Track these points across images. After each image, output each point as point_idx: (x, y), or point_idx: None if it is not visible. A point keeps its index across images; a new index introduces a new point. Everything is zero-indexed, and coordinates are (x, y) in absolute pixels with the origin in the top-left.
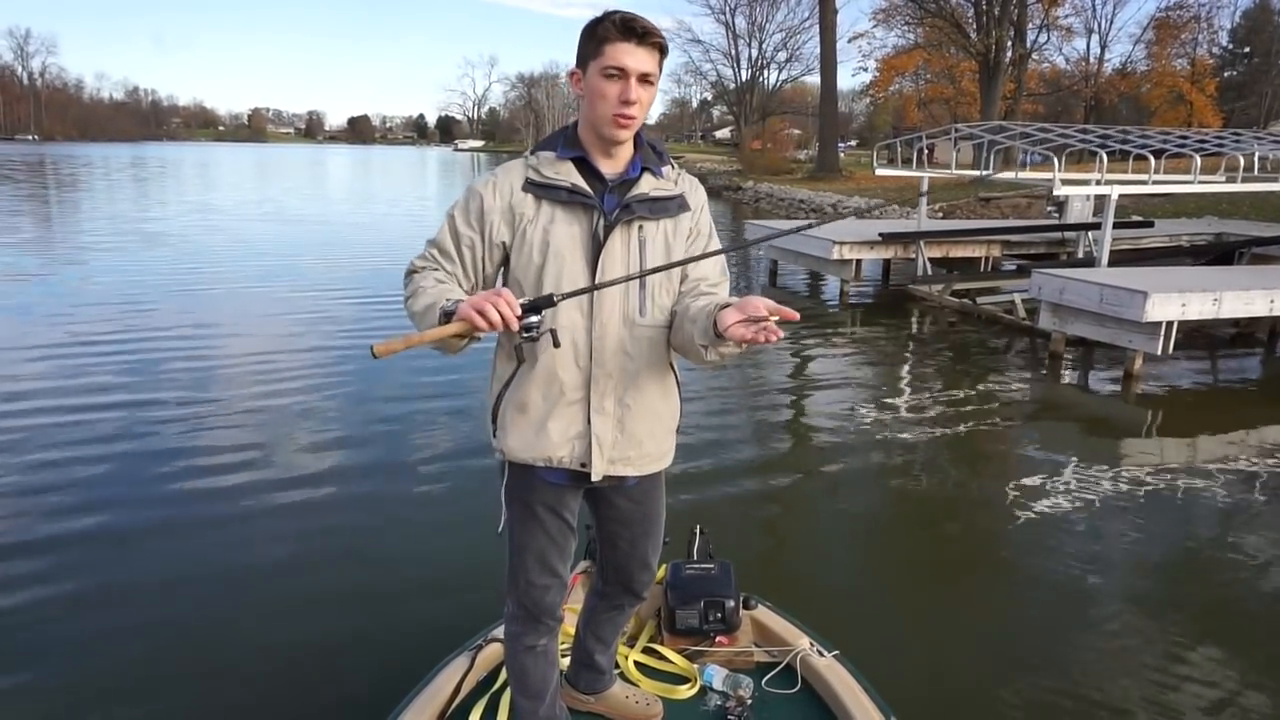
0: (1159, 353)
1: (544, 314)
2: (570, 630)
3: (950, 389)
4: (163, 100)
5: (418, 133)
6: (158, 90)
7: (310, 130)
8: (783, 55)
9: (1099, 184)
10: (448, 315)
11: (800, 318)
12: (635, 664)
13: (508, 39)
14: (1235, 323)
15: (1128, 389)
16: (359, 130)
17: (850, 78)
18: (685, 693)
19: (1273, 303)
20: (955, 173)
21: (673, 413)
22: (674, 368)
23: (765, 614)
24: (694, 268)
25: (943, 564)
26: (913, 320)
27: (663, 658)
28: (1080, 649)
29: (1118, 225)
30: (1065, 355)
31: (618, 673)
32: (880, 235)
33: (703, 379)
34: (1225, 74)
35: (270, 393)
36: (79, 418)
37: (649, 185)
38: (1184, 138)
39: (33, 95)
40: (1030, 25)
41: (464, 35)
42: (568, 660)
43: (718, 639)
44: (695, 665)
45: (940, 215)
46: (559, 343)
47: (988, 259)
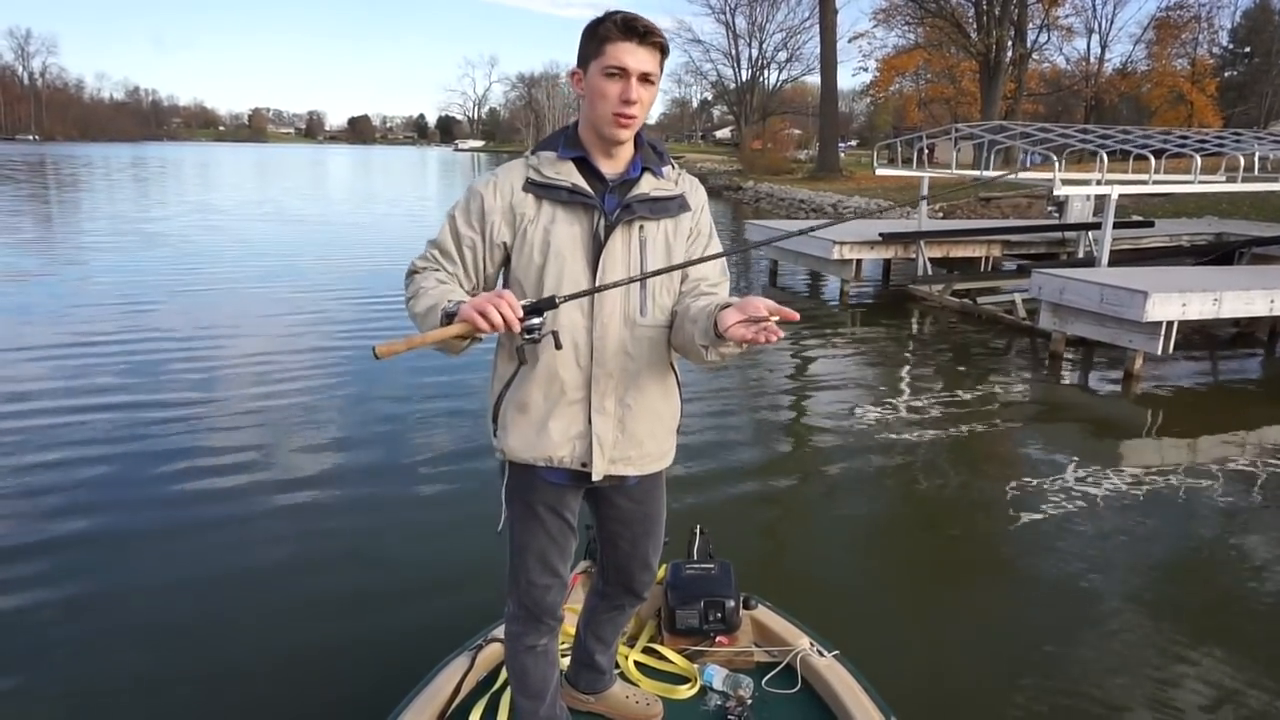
0: (1159, 353)
1: (546, 315)
2: (570, 630)
3: (950, 389)
4: (163, 100)
5: (418, 133)
6: (158, 90)
7: (311, 130)
8: (783, 55)
9: (1099, 184)
10: (449, 317)
11: (800, 318)
12: (635, 664)
13: (508, 39)
14: (1236, 322)
15: (1128, 389)
16: (359, 130)
17: (851, 77)
18: (685, 693)
19: (1273, 303)
20: (956, 173)
21: (673, 412)
22: (674, 368)
23: (765, 614)
24: (695, 268)
25: (943, 564)
26: (913, 320)
27: (663, 658)
28: (1080, 649)
29: (1118, 225)
30: (1065, 355)
31: (618, 673)
32: (880, 235)
33: (703, 379)
34: (1226, 74)
35: (271, 393)
36: (79, 419)
37: (649, 185)
38: (1184, 138)
39: (33, 95)
40: (1031, 25)
41: (464, 35)
42: (568, 660)
43: (718, 639)
44: (695, 665)
45: (940, 215)
46: (561, 344)
47: (988, 259)
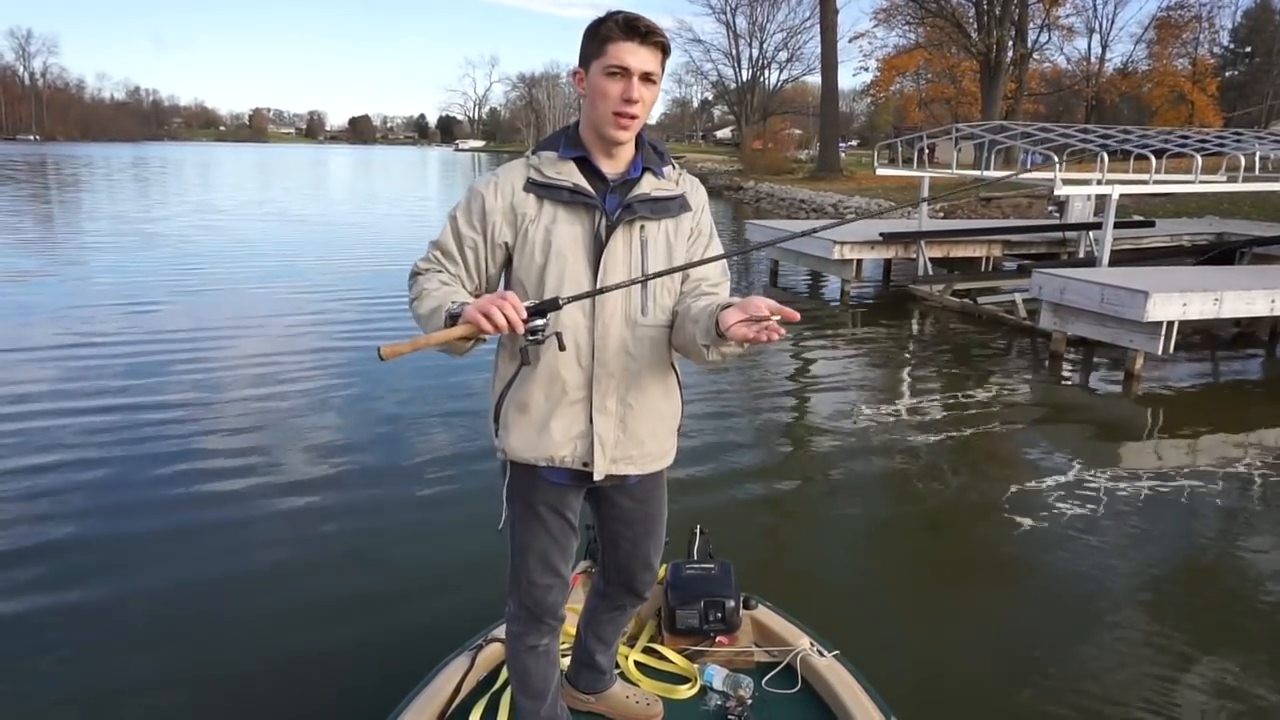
0: (1160, 352)
1: (549, 317)
2: (571, 630)
3: (951, 389)
4: (164, 100)
5: (419, 133)
6: (159, 90)
7: (311, 130)
8: (784, 55)
9: (1100, 184)
10: (453, 318)
11: (801, 318)
12: (635, 664)
13: (509, 39)
14: (1236, 322)
15: (1129, 389)
16: (360, 130)
17: (851, 77)
18: (685, 693)
19: (1274, 302)
20: (956, 173)
21: (674, 412)
22: (675, 367)
23: (765, 614)
24: (695, 269)
25: (943, 564)
26: (913, 320)
27: (663, 657)
28: (1081, 648)
29: (1119, 225)
30: (1066, 355)
31: (618, 672)
32: (881, 235)
33: (704, 380)
34: (1226, 74)
35: (271, 394)
36: (79, 420)
37: (650, 185)
38: (1185, 137)
39: (34, 95)
40: (1031, 25)
41: (465, 35)
42: (568, 660)
43: (718, 639)
44: (695, 665)
45: (941, 215)
46: (564, 345)
47: (988, 259)
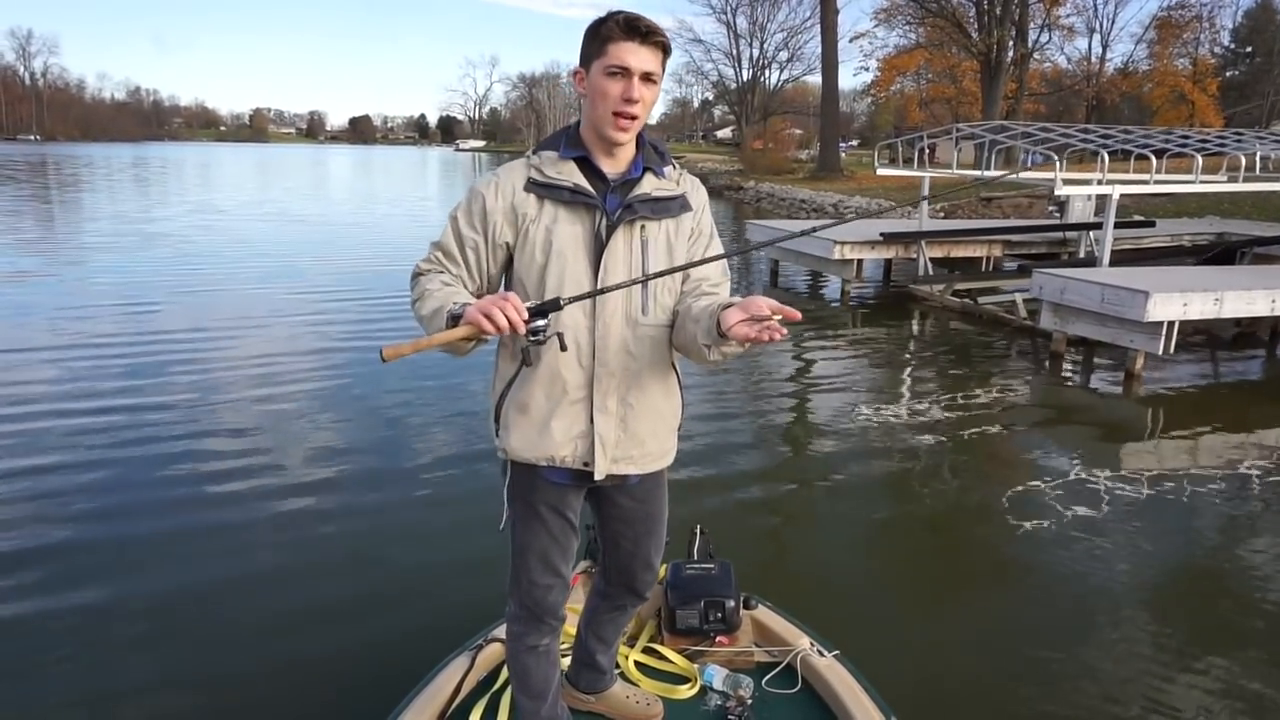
0: (1160, 352)
1: (550, 317)
2: (571, 630)
3: (951, 389)
4: (164, 100)
5: (419, 133)
6: (159, 90)
7: (312, 130)
8: (784, 55)
9: (1100, 184)
10: (455, 319)
11: (802, 318)
12: (635, 664)
13: (509, 39)
14: (1237, 322)
15: (1129, 389)
16: (360, 130)
17: (852, 77)
18: (685, 692)
19: (1274, 302)
20: (957, 172)
21: (675, 411)
22: (676, 367)
23: (765, 614)
24: (696, 268)
25: (944, 564)
26: (914, 320)
27: (663, 657)
28: (1081, 648)
29: (1119, 225)
30: (1066, 355)
31: (618, 672)
32: (882, 235)
33: (704, 380)
34: (1227, 74)
35: (272, 396)
36: (79, 421)
37: (651, 185)
38: (1185, 137)
39: (35, 95)
40: (1032, 25)
41: (465, 35)
42: (568, 660)
43: (718, 639)
44: (695, 665)
45: (942, 215)
46: (566, 346)
47: (989, 259)
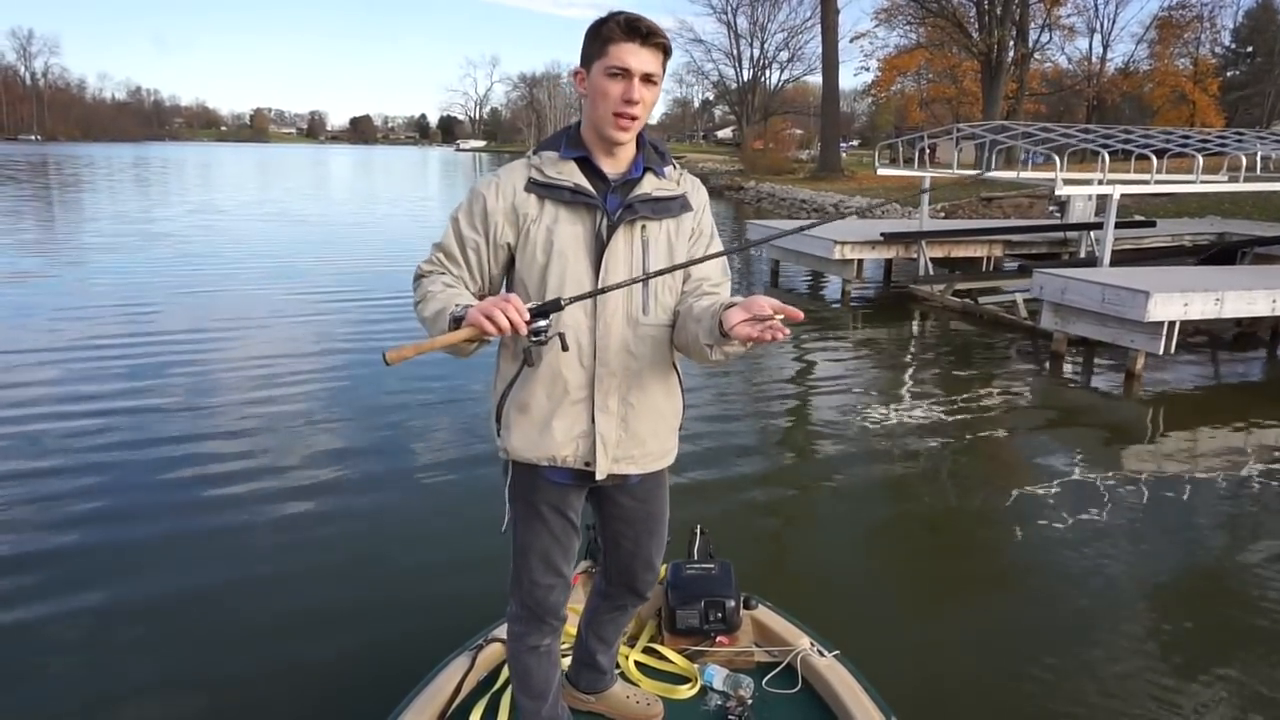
0: (1161, 352)
1: (552, 317)
2: (571, 630)
3: (951, 389)
4: (165, 100)
5: (420, 133)
6: (160, 90)
7: (312, 130)
8: (785, 55)
9: (1101, 184)
10: (457, 320)
11: (804, 317)
12: (636, 664)
13: (509, 39)
14: (1238, 322)
15: (1130, 389)
16: (361, 130)
17: (852, 77)
18: (686, 693)
19: (1275, 302)
20: (956, 172)
21: (675, 411)
22: (677, 367)
23: (766, 614)
24: (697, 268)
25: (944, 564)
26: (914, 320)
27: (663, 657)
28: (1081, 648)
29: (1120, 225)
30: (1067, 355)
31: (618, 672)
32: (882, 235)
33: (704, 381)
34: (1228, 73)
35: (273, 397)
36: (78, 423)
37: (651, 185)
38: (1186, 137)
39: (35, 95)
40: (1032, 25)
41: (466, 35)
42: (568, 660)
43: (718, 639)
44: (696, 665)
45: (942, 215)
46: (567, 346)
47: (989, 259)
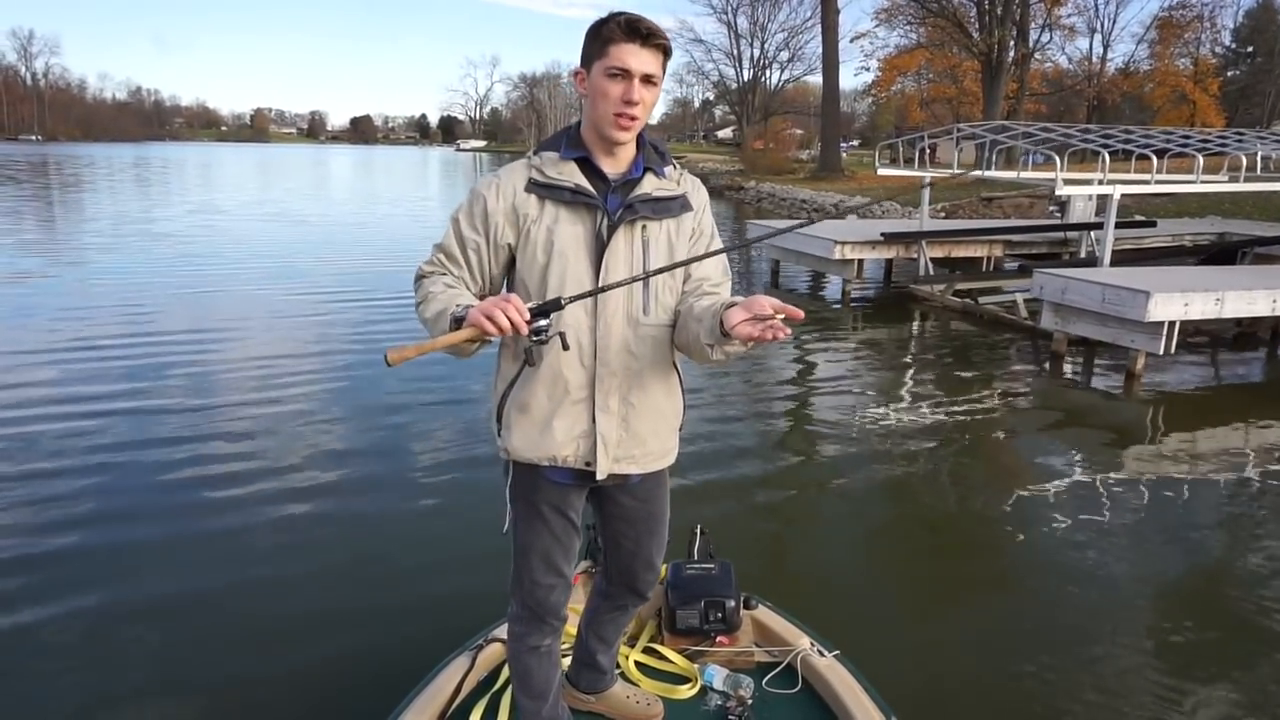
0: (1161, 352)
1: (552, 317)
2: (572, 630)
3: (952, 389)
4: (165, 100)
5: (420, 133)
6: (160, 90)
7: (313, 130)
8: (785, 55)
9: (1101, 184)
10: (458, 321)
11: (804, 317)
12: (636, 664)
13: (510, 39)
14: (1238, 322)
15: (1130, 389)
16: (361, 130)
17: (853, 77)
18: (686, 693)
19: (1275, 302)
20: (956, 171)
21: (676, 410)
22: (677, 366)
23: (766, 614)
24: (697, 268)
25: (944, 564)
26: (914, 320)
27: (663, 657)
28: (1081, 649)
29: (1120, 225)
30: (1067, 355)
31: (619, 672)
32: (882, 235)
33: (704, 381)
34: (1228, 73)
35: (273, 398)
36: (78, 424)
37: (651, 185)
38: (1186, 137)
39: (36, 96)
40: (1033, 25)
41: (466, 35)
42: (569, 660)
43: (718, 639)
44: (696, 665)
45: (942, 215)
46: (568, 345)
47: (990, 259)
